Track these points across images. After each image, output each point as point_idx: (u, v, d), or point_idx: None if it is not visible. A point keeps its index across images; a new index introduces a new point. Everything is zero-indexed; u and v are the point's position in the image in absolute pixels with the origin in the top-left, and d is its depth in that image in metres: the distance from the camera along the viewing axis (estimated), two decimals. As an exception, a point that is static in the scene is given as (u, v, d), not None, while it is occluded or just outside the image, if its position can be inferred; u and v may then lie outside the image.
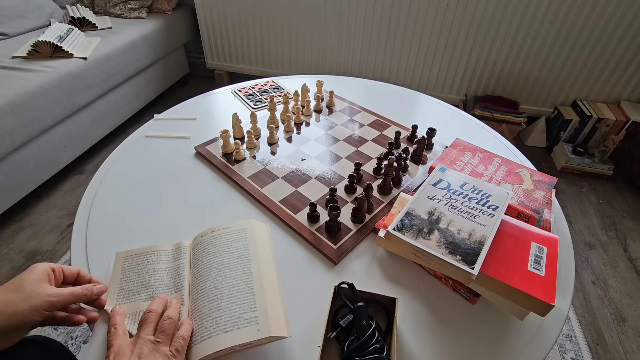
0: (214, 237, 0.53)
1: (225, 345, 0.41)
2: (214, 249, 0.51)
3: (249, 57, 2.19)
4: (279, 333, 0.42)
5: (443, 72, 1.95)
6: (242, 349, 0.44)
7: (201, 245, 0.53)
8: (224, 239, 0.52)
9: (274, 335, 0.42)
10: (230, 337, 0.41)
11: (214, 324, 0.43)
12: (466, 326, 0.50)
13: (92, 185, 0.71)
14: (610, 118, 1.76)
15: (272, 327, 0.42)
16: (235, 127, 0.83)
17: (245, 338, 0.41)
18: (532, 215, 0.59)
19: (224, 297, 0.45)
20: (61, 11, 1.88)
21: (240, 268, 0.48)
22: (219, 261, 0.50)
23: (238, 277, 0.47)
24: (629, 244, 1.44)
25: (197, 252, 0.52)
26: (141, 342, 0.40)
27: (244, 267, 0.49)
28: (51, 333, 1.04)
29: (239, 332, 0.42)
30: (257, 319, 0.43)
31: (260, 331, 0.42)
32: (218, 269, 0.49)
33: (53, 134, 1.44)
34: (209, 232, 0.54)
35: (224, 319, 0.43)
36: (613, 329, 1.14)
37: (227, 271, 0.48)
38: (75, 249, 0.58)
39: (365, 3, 1.83)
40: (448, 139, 0.86)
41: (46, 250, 1.28)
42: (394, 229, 0.52)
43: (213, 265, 0.49)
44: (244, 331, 0.42)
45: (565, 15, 1.64)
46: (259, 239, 0.53)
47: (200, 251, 0.52)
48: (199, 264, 0.51)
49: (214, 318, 0.43)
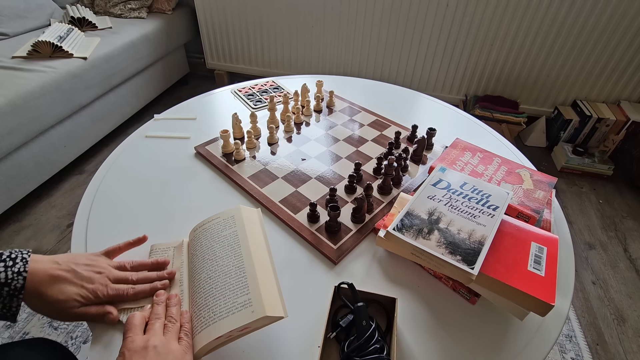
0: (205, 229, 0.53)
1: (222, 331, 0.41)
2: (206, 240, 0.52)
3: (249, 57, 2.19)
4: (274, 313, 0.42)
5: (443, 72, 1.95)
6: (241, 334, 0.44)
7: (195, 240, 0.53)
8: (214, 229, 0.53)
9: (270, 315, 0.41)
10: (226, 323, 0.42)
11: (211, 313, 0.43)
12: (466, 326, 0.50)
13: (92, 185, 0.71)
14: (610, 118, 1.76)
15: (266, 308, 0.42)
16: (235, 127, 0.83)
17: (241, 321, 0.41)
18: (532, 215, 0.59)
19: (218, 285, 0.45)
20: (61, 11, 1.88)
21: (231, 255, 0.49)
22: (211, 252, 0.50)
23: (230, 263, 0.48)
24: (629, 244, 1.44)
25: (192, 247, 0.53)
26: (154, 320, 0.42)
27: (235, 253, 0.49)
28: (51, 333, 1.04)
29: (234, 316, 0.42)
30: (250, 302, 0.43)
31: (255, 312, 0.41)
32: (211, 259, 0.49)
33: (53, 134, 1.44)
34: (200, 226, 0.54)
35: (220, 306, 0.43)
36: (613, 329, 1.14)
37: (219, 260, 0.48)
38: (75, 249, 0.58)
39: (365, 3, 1.83)
40: (448, 139, 0.86)
41: (46, 250, 1.28)
42: (394, 229, 0.52)
43: (206, 257, 0.50)
44: (239, 315, 0.42)
45: (565, 15, 1.64)
46: (248, 224, 0.53)
47: (194, 245, 0.53)
48: (194, 258, 0.51)
49: (210, 307, 0.44)
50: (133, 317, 0.42)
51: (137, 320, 0.41)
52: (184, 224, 0.62)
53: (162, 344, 0.39)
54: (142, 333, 0.40)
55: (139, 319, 0.42)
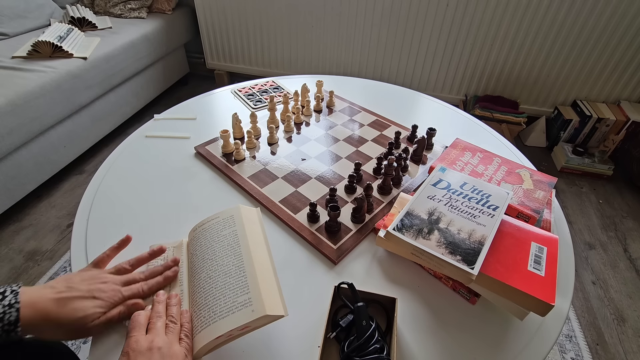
0: (204, 229, 0.53)
1: (222, 330, 0.41)
2: (205, 240, 0.52)
3: (249, 57, 2.19)
4: (275, 312, 0.42)
5: (443, 72, 1.95)
6: (241, 333, 0.44)
7: (194, 240, 0.53)
8: (213, 229, 0.53)
9: (270, 314, 0.41)
10: (227, 322, 0.42)
11: (211, 313, 0.43)
12: (466, 326, 0.50)
13: (92, 185, 0.71)
14: (610, 118, 1.76)
15: (266, 307, 0.42)
16: (235, 127, 0.83)
17: (241, 321, 0.41)
18: (532, 215, 0.59)
19: (218, 285, 0.45)
20: (61, 11, 1.88)
21: (230, 254, 0.49)
22: (210, 251, 0.50)
23: (230, 263, 0.48)
24: (629, 244, 1.44)
25: (192, 247, 0.53)
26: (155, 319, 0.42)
27: (235, 253, 0.49)
28: (51, 333, 1.04)
29: (234, 316, 0.42)
30: (250, 301, 0.43)
31: (255, 311, 0.42)
32: (210, 259, 0.49)
33: (53, 134, 1.44)
34: (199, 226, 0.54)
35: (220, 306, 0.43)
36: (613, 329, 1.14)
37: (219, 259, 0.48)
38: (75, 249, 0.58)
39: (365, 3, 1.83)
40: (448, 139, 0.86)
41: (46, 250, 1.28)
42: (394, 229, 0.52)
43: (206, 257, 0.50)
44: (239, 314, 0.42)
45: (565, 15, 1.64)
46: (248, 224, 0.53)
47: (194, 245, 0.53)
48: (193, 257, 0.51)
49: (210, 307, 0.44)
50: (138, 315, 0.42)
51: (142, 318, 0.41)
52: (183, 223, 0.62)
53: (166, 345, 0.39)
54: (145, 332, 0.40)
55: (144, 317, 0.41)
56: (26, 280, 1.19)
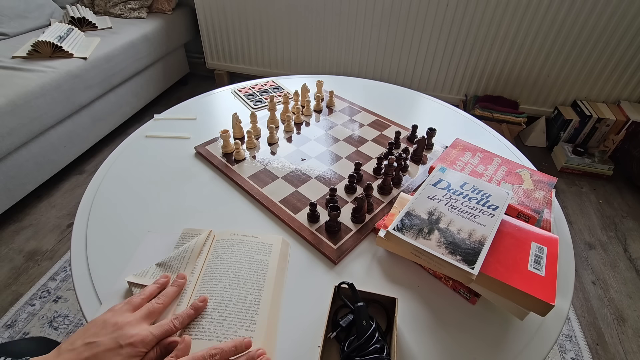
0: (241, 241, 0.54)
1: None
2: (237, 252, 0.52)
3: (249, 57, 2.19)
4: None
5: (443, 72, 1.95)
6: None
7: (226, 243, 0.54)
8: (249, 246, 0.53)
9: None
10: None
11: (211, 328, 0.44)
12: (466, 326, 0.50)
13: (92, 185, 0.71)
14: (610, 118, 1.76)
15: None
16: (235, 127, 0.83)
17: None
18: (532, 215, 0.59)
19: (230, 305, 0.46)
20: (61, 11, 1.88)
21: (254, 282, 0.49)
22: (237, 266, 0.50)
23: (250, 290, 0.48)
24: (629, 244, 1.44)
25: (220, 248, 0.53)
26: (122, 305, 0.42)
27: (258, 283, 0.49)
28: (51, 333, 1.04)
29: None
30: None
31: None
32: (234, 274, 0.50)
33: (53, 134, 1.44)
34: (238, 234, 0.55)
35: (222, 326, 0.44)
36: (613, 329, 1.14)
37: (242, 281, 0.49)
38: (75, 249, 0.58)
39: (365, 3, 1.83)
40: (448, 139, 0.86)
41: (46, 251, 1.28)
42: (394, 229, 0.52)
43: (231, 269, 0.50)
44: None
45: (565, 15, 1.64)
46: (281, 260, 0.54)
47: (222, 247, 0.53)
48: (217, 260, 0.51)
49: (213, 322, 0.44)
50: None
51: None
52: (184, 223, 0.62)
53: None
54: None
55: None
56: (26, 280, 1.19)
